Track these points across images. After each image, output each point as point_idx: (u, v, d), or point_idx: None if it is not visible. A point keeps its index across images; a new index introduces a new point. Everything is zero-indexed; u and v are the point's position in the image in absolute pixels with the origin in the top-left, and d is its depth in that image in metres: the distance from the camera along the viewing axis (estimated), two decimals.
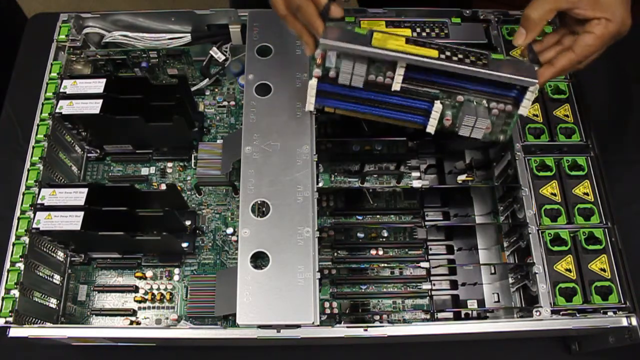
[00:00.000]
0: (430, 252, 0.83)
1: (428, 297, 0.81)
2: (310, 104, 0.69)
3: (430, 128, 0.68)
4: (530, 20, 0.61)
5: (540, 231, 0.72)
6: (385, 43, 0.62)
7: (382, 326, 0.67)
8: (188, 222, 0.82)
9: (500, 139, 0.69)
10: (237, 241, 0.71)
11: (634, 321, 0.67)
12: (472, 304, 0.80)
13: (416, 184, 0.85)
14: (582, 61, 0.62)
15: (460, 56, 0.62)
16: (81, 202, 0.72)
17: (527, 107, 0.64)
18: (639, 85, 0.98)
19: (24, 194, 0.73)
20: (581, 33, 0.61)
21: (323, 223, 0.84)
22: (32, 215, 0.72)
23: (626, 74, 0.98)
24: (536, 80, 0.62)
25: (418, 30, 0.74)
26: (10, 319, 0.67)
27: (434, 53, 0.62)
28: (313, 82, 0.66)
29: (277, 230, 0.68)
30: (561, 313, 0.69)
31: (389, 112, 0.69)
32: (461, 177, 0.84)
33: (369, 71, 0.65)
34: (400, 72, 0.64)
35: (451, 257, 0.84)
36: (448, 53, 0.62)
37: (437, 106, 0.66)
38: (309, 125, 0.74)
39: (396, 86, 0.65)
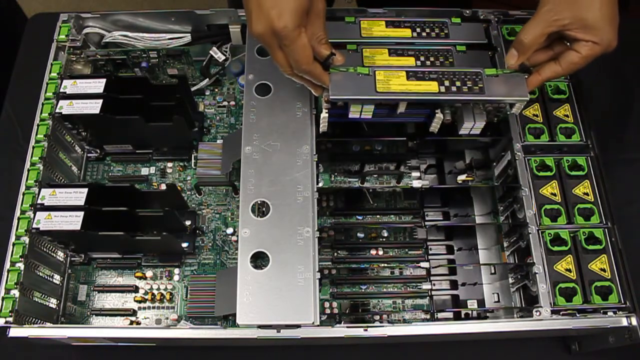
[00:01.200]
0: (430, 252, 0.83)
1: (428, 297, 0.81)
2: (324, 129, 0.72)
3: (433, 128, 0.72)
4: (523, 44, 0.64)
5: (540, 231, 0.72)
6: (389, 84, 0.66)
7: (382, 326, 0.67)
8: (188, 222, 0.83)
9: (495, 120, 0.74)
10: (237, 241, 0.71)
11: (634, 321, 0.67)
12: (472, 304, 0.80)
13: (416, 184, 0.85)
14: (566, 74, 0.66)
15: (458, 84, 0.67)
16: (81, 202, 0.72)
17: (518, 109, 0.70)
18: (639, 85, 0.98)
19: (24, 194, 0.73)
20: (568, 49, 0.64)
21: (323, 223, 0.84)
22: (32, 215, 0.72)
23: (626, 74, 0.98)
24: (526, 98, 0.66)
25: (418, 30, 0.74)
26: (10, 319, 0.67)
27: (434, 86, 0.67)
28: (325, 115, 0.70)
29: (277, 230, 0.68)
30: (561, 313, 0.69)
31: (393, 118, 0.72)
32: (461, 177, 0.84)
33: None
34: (404, 104, 0.69)
35: (451, 257, 0.84)
36: (447, 83, 0.67)
37: (438, 116, 0.70)
38: (309, 125, 0.74)
39: (401, 109, 0.69)
